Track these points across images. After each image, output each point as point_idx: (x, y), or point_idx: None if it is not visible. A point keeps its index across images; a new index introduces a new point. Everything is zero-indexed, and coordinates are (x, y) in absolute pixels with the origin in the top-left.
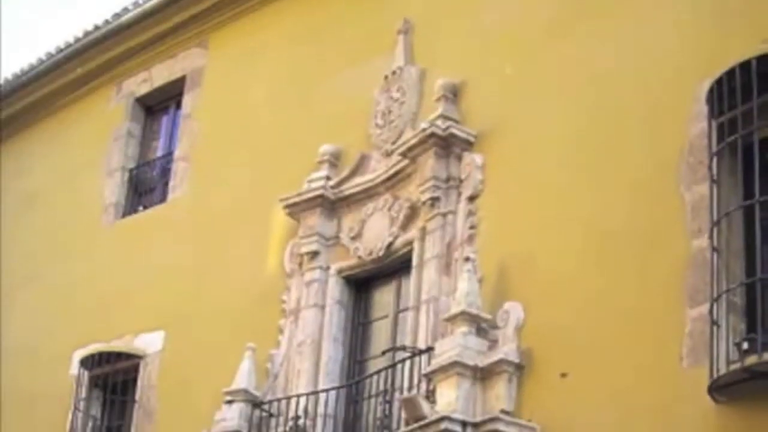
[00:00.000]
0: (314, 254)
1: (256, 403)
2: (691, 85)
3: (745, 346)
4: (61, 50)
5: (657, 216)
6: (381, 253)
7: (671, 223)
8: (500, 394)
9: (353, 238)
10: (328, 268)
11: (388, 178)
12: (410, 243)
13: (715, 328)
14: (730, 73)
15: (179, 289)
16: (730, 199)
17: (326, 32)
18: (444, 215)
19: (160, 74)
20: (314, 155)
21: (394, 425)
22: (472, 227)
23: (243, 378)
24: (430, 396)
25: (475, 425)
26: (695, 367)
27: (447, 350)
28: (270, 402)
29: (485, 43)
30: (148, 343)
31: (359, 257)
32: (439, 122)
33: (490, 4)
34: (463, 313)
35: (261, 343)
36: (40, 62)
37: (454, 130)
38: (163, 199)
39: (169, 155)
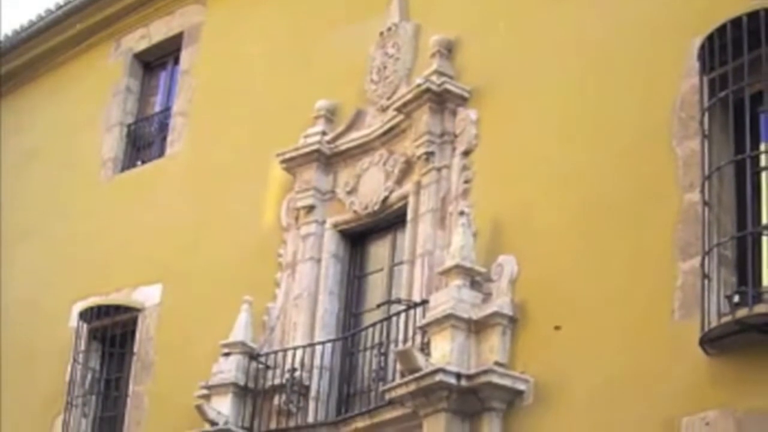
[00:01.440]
0: (310, 208)
1: (253, 356)
2: (683, 41)
3: (736, 299)
4: (61, 6)
5: (649, 171)
6: (376, 207)
7: (663, 177)
8: (494, 346)
9: (349, 193)
10: (324, 222)
11: (384, 133)
12: (405, 197)
13: (706, 281)
14: (721, 29)
15: (177, 242)
16: (722, 154)
17: None
18: (439, 170)
19: (158, 30)
20: (310, 111)
21: (389, 377)
22: (466, 182)
23: (240, 330)
24: (425, 348)
25: (469, 377)
26: (687, 319)
27: (441, 303)
28: (267, 354)
29: (479, 0)
30: (147, 296)
31: (355, 211)
32: (433, 78)
33: None
34: (457, 266)
35: (258, 296)
36: (39, 18)
37: (448, 86)
38: (161, 153)
39: (167, 110)
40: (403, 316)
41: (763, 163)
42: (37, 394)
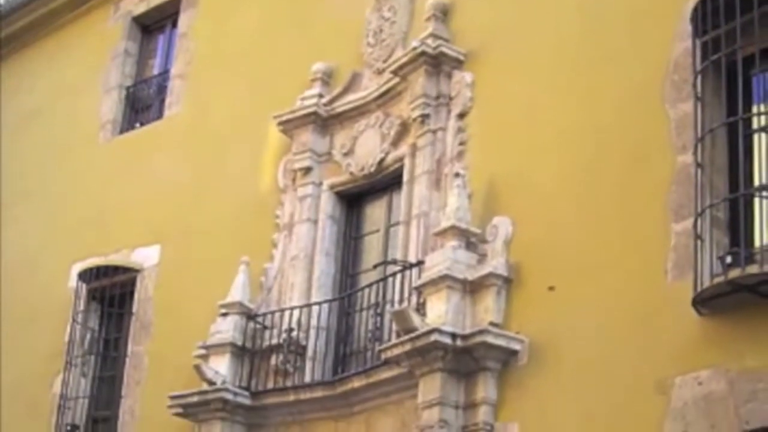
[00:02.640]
0: (307, 170)
1: (250, 316)
2: (676, 4)
3: (729, 259)
4: None
5: (643, 133)
6: (372, 169)
7: (656, 139)
8: (489, 306)
9: (345, 155)
10: (320, 183)
11: (380, 96)
12: (401, 159)
13: (699, 242)
14: None
15: (175, 204)
16: (714, 116)
17: None
18: (434, 132)
19: None
20: (307, 73)
21: (385, 337)
22: (461, 144)
23: (237, 291)
24: (421, 309)
25: (465, 337)
26: (679, 280)
27: (437, 264)
28: (264, 314)
29: None
30: (145, 256)
31: (351, 173)
32: (429, 41)
33: None
34: (452, 227)
35: (255, 257)
36: None
37: (444, 49)
38: (159, 116)
39: (165, 73)
40: (398, 276)
41: (755, 125)
42: (37, 354)
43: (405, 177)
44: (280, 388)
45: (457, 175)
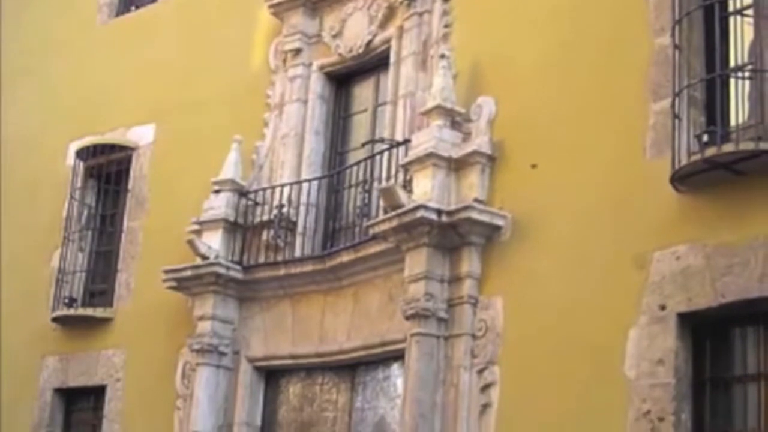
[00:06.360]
0: (297, 51)
1: (242, 193)
2: None
3: (705, 138)
4: None
5: (622, 15)
6: (361, 51)
7: (635, 21)
8: (473, 183)
9: (334, 36)
10: (310, 64)
11: None
12: (388, 41)
13: (676, 121)
14: None
15: (170, 84)
16: None
17: None
18: (420, 14)
19: None
20: None
21: (373, 213)
22: (446, 26)
23: (230, 168)
24: (407, 185)
25: (450, 213)
26: (658, 158)
27: (423, 142)
28: (255, 191)
29: None
30: (140, 135)
31: (340, 54)
32: None
33: None
34: (438, 107)
35: (247, 136)
36: None
37: None
38: None
39: None
40: (386, 154)
41: (731, 8)
42: (36, 230)
43: (392, 58)
44: (271, 263)
45: (442, 56)
